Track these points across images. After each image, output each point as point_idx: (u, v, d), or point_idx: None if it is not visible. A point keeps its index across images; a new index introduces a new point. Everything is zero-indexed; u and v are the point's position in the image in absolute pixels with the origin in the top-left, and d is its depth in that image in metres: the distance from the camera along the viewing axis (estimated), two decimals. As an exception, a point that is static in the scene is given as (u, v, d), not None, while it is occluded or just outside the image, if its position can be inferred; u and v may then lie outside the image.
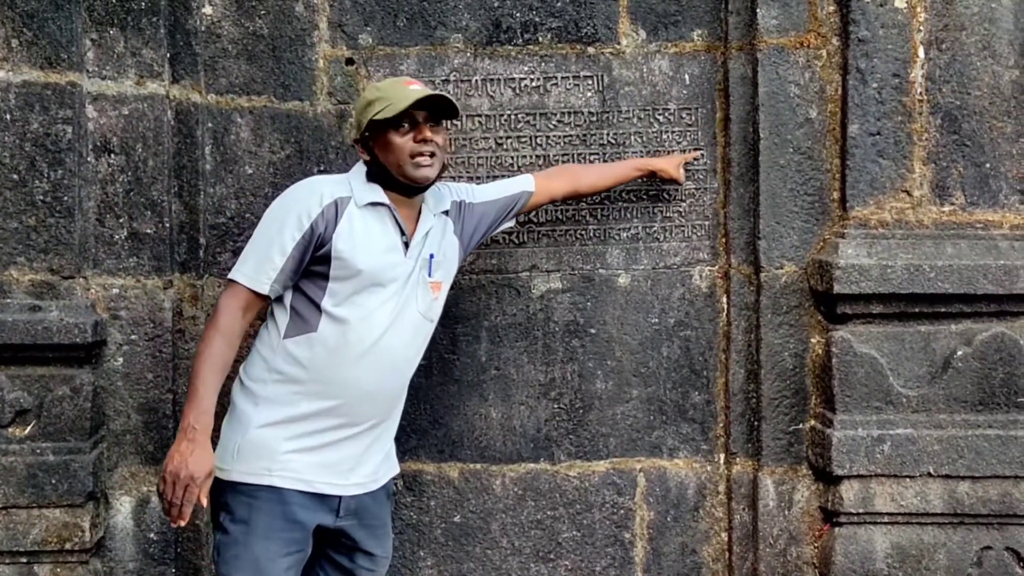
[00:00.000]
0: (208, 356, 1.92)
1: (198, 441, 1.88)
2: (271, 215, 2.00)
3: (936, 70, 2.47)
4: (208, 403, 1.91)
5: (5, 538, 2.29)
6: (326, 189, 1.99)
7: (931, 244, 2.45)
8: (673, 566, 2.65)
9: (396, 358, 2.05)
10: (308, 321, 1.98)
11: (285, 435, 1.96)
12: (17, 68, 2.29)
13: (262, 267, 1.95)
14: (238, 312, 1.96)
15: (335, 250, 1.95)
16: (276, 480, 1.95)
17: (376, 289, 1.99)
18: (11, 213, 2.30)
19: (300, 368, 1.97)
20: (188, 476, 1.86)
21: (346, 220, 1.97)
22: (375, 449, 2.10)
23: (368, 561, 2.16)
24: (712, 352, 2.62)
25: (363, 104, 2.05)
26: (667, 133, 2.59)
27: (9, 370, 2.30)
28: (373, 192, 2.03)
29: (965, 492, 2.44)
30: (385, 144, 2.02)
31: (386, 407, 2.09)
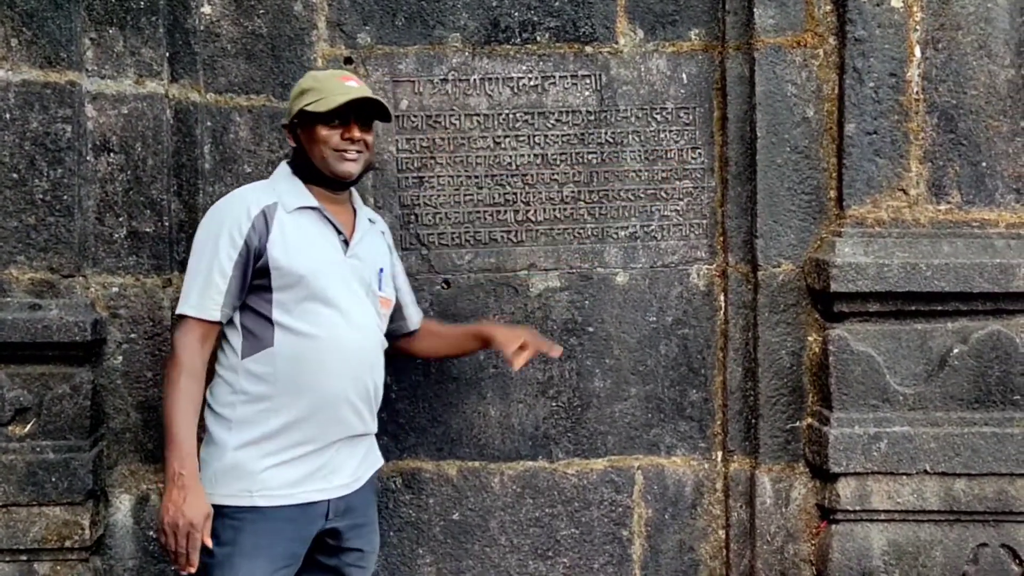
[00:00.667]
0: (177, 398, 1.90)
1: (188, 487, 1.87)
2: (201, 239, 1.97)
3: (932, 69, 2.48)
4: (188, 446, 1.89)
5: (5, 536, 2.29)
6: (251, 200, 1.97)
7: (928, 243, 2.46)
8: (671, 563, 2.66)
9: (360, 357, 2.03)
10: (262, 337, 1.96)
11: (261, 453, 1.95)
12: (16, 67, 2.30)
13: (207, 294, 1.93)
14: (196, 345, 1.94)
15: (271, 259, 1.93)
16: (258, 500, 1.93)
17: (323, 292, 1.97)
18: (11, 212, 2.31)
19: (265, 385, 1.95)
20: (187, 524, 1.85)
21: (277, 227, 1.95)
22: (354, 449, 2.09)
23: (356, 558, 2.14)
24: (710, 350, 2.63)
25: (298, 91, 2.05)
26: (665, 132, 2.60)
27: (9, 368, 2.31)
28: (301, 196, 2.02)
29: (961, 489, 2.46)
30: (312, 135, 2.02)
31: (359, 407, 2.06)
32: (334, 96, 2.00)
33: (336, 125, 2.02)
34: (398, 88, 2.55)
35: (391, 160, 2.56)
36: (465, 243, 2.60)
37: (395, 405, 2.59)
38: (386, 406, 2.57)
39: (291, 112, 2.06)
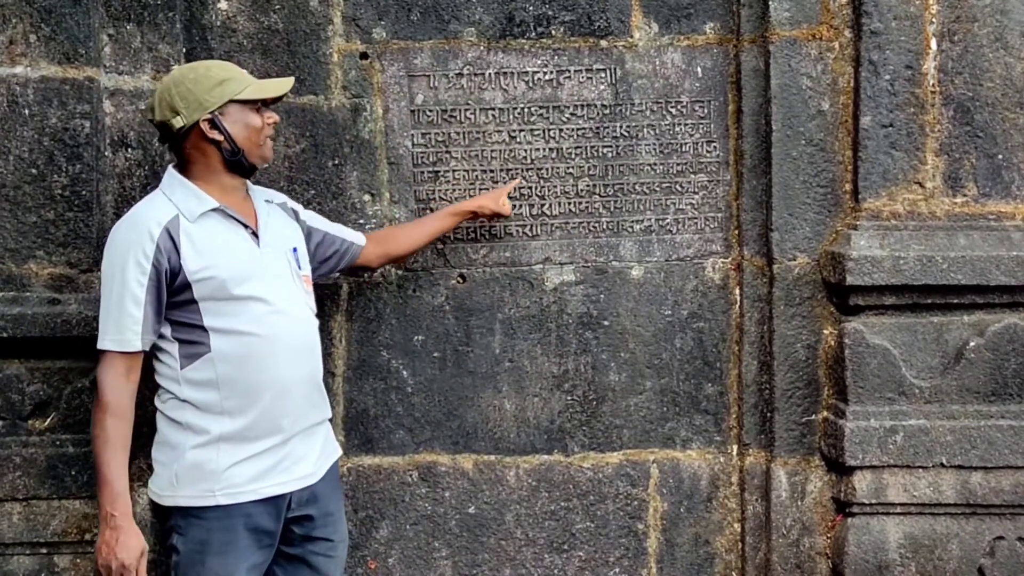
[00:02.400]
0: (105, 439, 1.88)
1: (121, 527, 1.86)
2: (108, 269, 1.92)
3: (948, 62, 2.47)
4: (119, 485, 1.88)
5: (26, 529, 2.32)
6: (150, 220, 1.91)
7: (944, 235, 2.46)
8: (686, 557, 2.66)
9: (299, 347, 2.03)
10: (199, 343, 1.93)
11: (220, 452, 1.94)
12: (35, 63, 2.31)
13: (124, 325, 1.88)
14: (120, 380, 1.91)
15: (188, 273, 1.90)
16: (222, 499, 1.93)
17: (248, 289, 1.95)
18: (30, 207, 2.32)
19: (210, 390, 1.94)
20: (120, 566, 1.85)
21: (185, 240, 1.91)
22: (311, 439, 2.09)
23: (324, 547, 2.13)
24: (725, 344, 2.64)
25: (211, 83, 1.95)
26: (680, 126, 2.60)
27: (29, 363, 2.33)
28: (200, 201, 1.97)
29: (978, 482, 2.45)
30: (244, 124, 1.99)
31: (308, 396, 2.06)
32: (264, 83, 2.04)
33: (260, 112, 2.03)
34: (413, 83, 2.56)
35: (407, 155, 2.57)
36: (480, 237, 2.61)
37: (411, 399, 2.61)
38: (402, 400, 2.59)
39: (207, 104, 1.94)
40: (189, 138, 1.98)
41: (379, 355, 2.60)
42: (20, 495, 2.31)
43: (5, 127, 2.31)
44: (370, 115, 2.55)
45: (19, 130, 2.31)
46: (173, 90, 1.95)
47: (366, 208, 2.56)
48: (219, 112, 1.96)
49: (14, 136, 2.31)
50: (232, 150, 1.98)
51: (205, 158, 1.99)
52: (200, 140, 1.97)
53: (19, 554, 2.33)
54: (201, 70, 1.99)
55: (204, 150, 1.99)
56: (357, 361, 2.59)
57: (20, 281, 2.33)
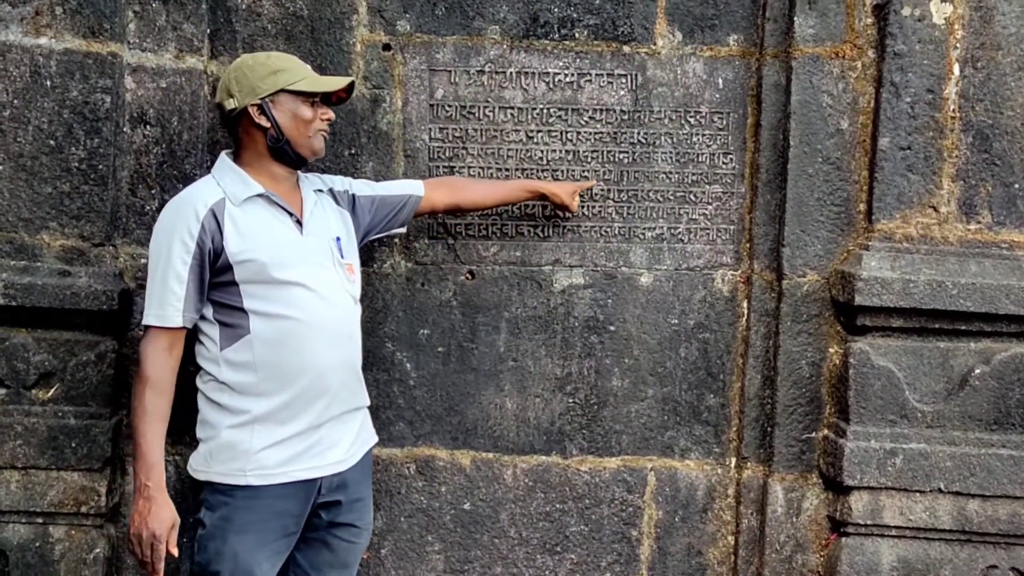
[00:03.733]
0: (143, 412, 1.92)
1: (154, 499, 1.90)
2: (155, 247, 1.97)
3: (970, 88, 2.47)
4: (154, 457, 1.92)
5: (23, 498, 2.33)
6: (197, 201, 1.96)
7: (955, 261, 2.46)
8: (678, 566, 2.66)
9: (337, 333, 2.05)
10: (239, 326, 1.97)
11: (254, 433, 1.97)
12: (60, 36, 2.32)
13: (166, 301, 1.93)
14: (162, 355, 1.94)
15: (230, 255, 1.94)
16: (252, 479, 1.96)
17: (289, 274, 1.98)
18: (46, 178, 2.33)
19: (248, 372, 1.97)
20: (151, 535, 1.89)
21: (229, 223, 1.96)
22: (346, 426, 2.11)
23: (348, 533, 2.15)
24: (730, 356, 2.64)
25: (266, 71, 2.01)
26: (697, 135, 2.60)
27: (36, 333, 2.34)
28: (247, 186, 2.02)
29: (974, 510, 2.45)
30: (294, 115, 2.03)
31: (344, 383, 2.09)
32: (321, 78, 2.07)
33: (315, 106, 2.06)
34: (434, 77, 2.56)
35: (423, 148, 2.57)
36: (492, 235, 2.61)
37: (413, 392, 2.61)
38: (404, 393, 2.59)
39: (259, 90, 2.00)
40: (241, 122, 2.04)
41: (384, 346, 2.60)
42: (19, 464, 2.32)
43: (26, 97, 2.31)
44: (389, 107, 2.56)
45: (40, 101, 2.32)
46: (232, 74, 2.04)
47: (380, 199, 2.57)
48: (270, 100, 2.01)
49: (35, 107, 2.32)
50: (276, 137, 2.03)
51: (253, 144, 2.05)
52: (249, 125, 2.03)
53: (15, 522, 2.34)
54: (261, 58, 2.06)
55: (253, 135, 2.04)
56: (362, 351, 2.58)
57: (32, 251, 2.33)
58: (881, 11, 2.47)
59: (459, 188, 2.44)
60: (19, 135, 2.32)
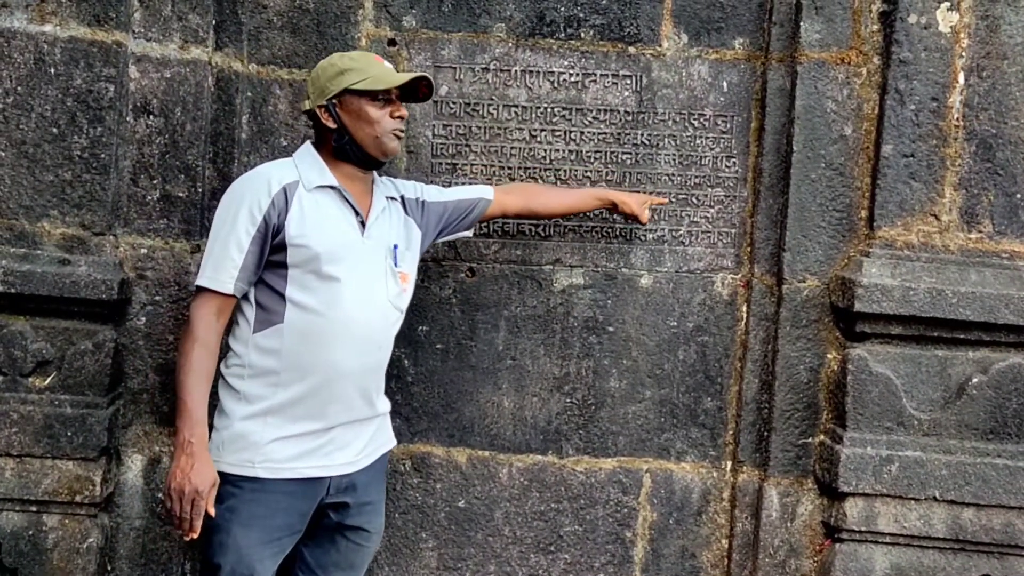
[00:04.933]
0: (190, 368, 1.92)
1: (196, 455, 1.89)
2: (222, 213, 1.99)
3: (975, 97, 2.47)
4: (199, 414, 1.91)
5: (17, 486, 2.32)
6: (273, 177, 1.98)
7: (955, 270, 2.46)
8: (671, 568, 2.66)
9: (367, 339, 2.04)
10: (274, 312, 1.98)
11: (266, 425, 1.97)
12: (65, 23, 2.31)
13: (223, 267, 1.94)
14: (211, 318, 1.96)
15: (288, 236, 1.95)
16: (260, 471, 1.96)
17: (337, 270, 1.98)
18: (48, 166, 2.32)
19: (273, 359, 1.97)
20: (193, 490, 1.87)
21: (296, 205, 1.97)
22: (361, 429, 2.10)
23: (356, 536, 2.15)
24: (728, 359, 2.64)
25: (334, 72, 2.03)
26: (701, 138, 2.60)
27: (34, 320, 2.33)
28: (322, 174, 2.03)
29: (969, 519, 2.45)
30: (361, 115, 2.03)
31: (365, 387, 2.07)
32: (386, 76, 2.03)
33: (383, 105, 2.04)
34: (439, 74, 2.56)
35: (426, 145, 2.57)
36: (492, 233, 2.61)
37: (410, 388, 2.61)
38: (401, 389, 2.59)
39: (325, 92, 2.03)
40: (317, 122, 2.07)
41: (382, 342, 2.60)
42: (14, 451, 2.31)
43: (30, 85, 2.31)
44: (393, 102, 2.55)
45: (43, 88, 2.31)
46: (312, 75, 2.09)
47: (381, 194, 2.56)
48: (336, 100, 2.03)
49: (38, 94, 2.31)
50: (339, 137, 2.04)
51: (327, 143, 2.08)
52: (320, 125, 2.06)
53: (8, 510, 2.33)
54: (335, 59, 2.07)
55: (324, 135, 2.08)
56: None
57: (32, 239, 2.33)
58: (887, 18, 2.47)
59: (532, 194, 2.45)
60: (22, 122, 2.31)
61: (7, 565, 2.33)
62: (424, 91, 2.15)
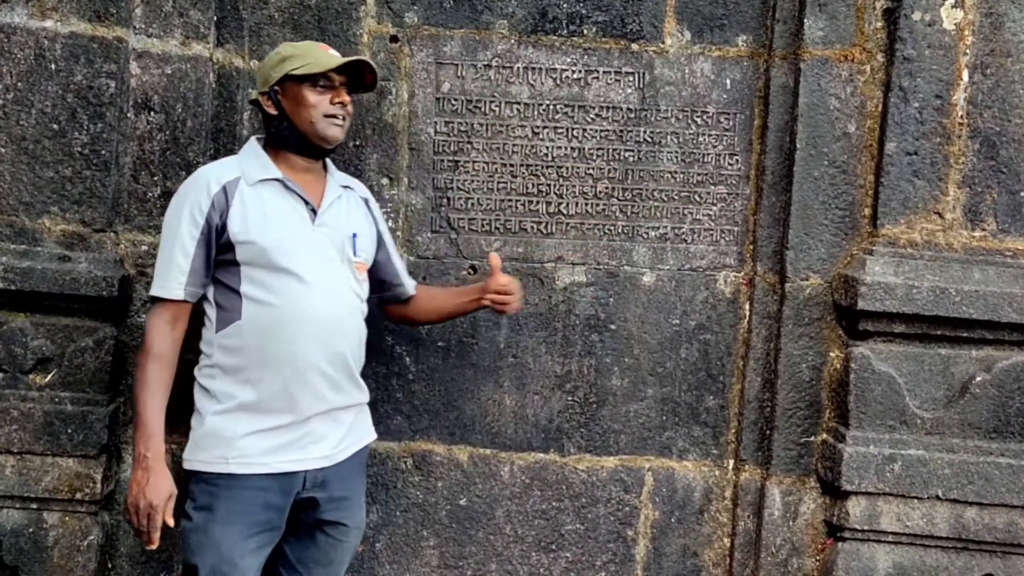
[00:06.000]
0: (145, 382, 1.93)
1: (152, 468, 1.90)
2: (168, 220, 1.99)
3: (979, 94, 2.46)
4: (154, 428, 1.92)
5: (18, 483, 2.31)
6: (212, 178, 1.98)
7: (959, 268, 2.45)
8: (673, 567, 2.66)
9: (328, 328, 2.02)
10: (232, 310, 1.98)
11: (238, 422, 1.96)
12: (66, 19, 2.30)
13: (170, 274, 1.95)
14: (165, 328, 1.96)
15: (232, 234, 1.94)
16: (233, 467, 1.95)
17: (289, 262, 1.97)
18: (48, 162, 2.31)
19: (237, 357, 1.97)
20: (148, 504, 1.89)
21: (237, 201, 1.96)
22: (337, 422, 2.09)
23: (335, 531, 2.13)
24: (730, 358, 2.63)
25: (277, 59, 2.04)
26: (704, 136, 2.59)
27: (34, 317, 2.32)
28: (264, 168, 2.02)
29: (972, 518, 2.45)
30: (299, 100, 2.02)
31: (333, 376, 2.05)
32: (324, 60, 2.03)
33: (323, 91, 2.04)
34: (441, 70, 2.55)
35: (428, 142, 2.56)
36: (495, 230, 2.60)
37: (411, 386, 2.60)
38: (403, 387, 2.58)
39: (269, 80, 2.04)
40: (262, 111, 2.09)
41: (383, 339, 2.59)
42: (14, 449, 2.30)
43: (30, 80, 2.30)
44: (395, 99, 2.55)
45: (44, 84, 2.30)
46: (259, 66, 2.12)
47: (383, 192, 2.55)
48: (279, 87, 2.03)
49: (38, 90, 2.30)
50: (278, 123, 2.05)
51: (269, 131, 2.09)
52: (264, 113, 2.08)
53: (9, 507, 2.32)
54: (281, 47, 2.09)
55: (267, 123, 2.09)
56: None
57: (32, 235, 2.32)
58: (891, 15, 2.46)
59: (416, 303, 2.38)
60: (22, 118, 2.30)
61: (7, 563, 2.32)
62: (370, 79, 2.14)
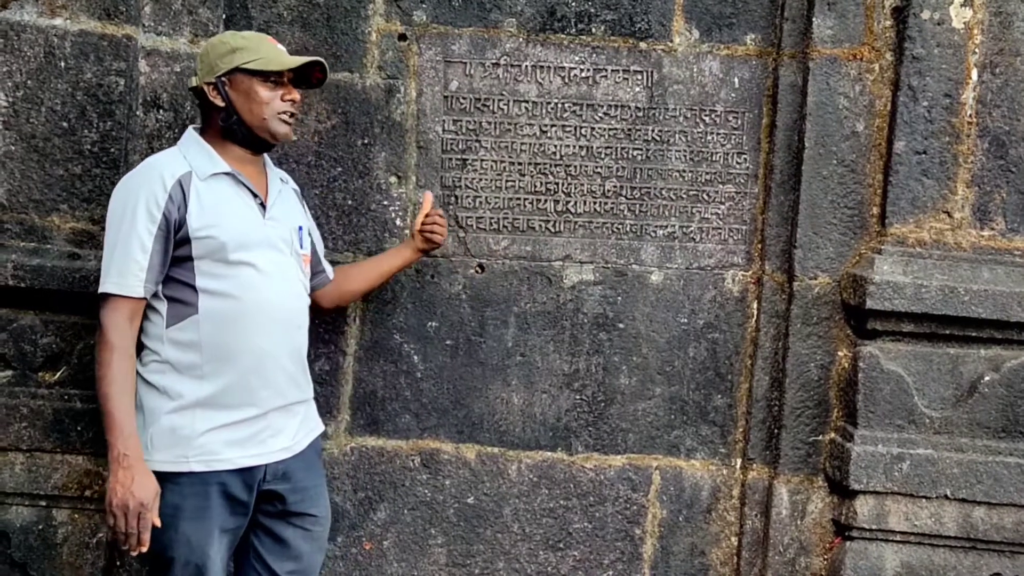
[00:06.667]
0: (111, 379, 1.87)
1: (135, 467, 1.86)
2: (117, 212, 1.93)
3: (988, 93, 2.46)
4: (129, 427, 1.87)
5: (27, 480, 2.32)
6: (165, 171, 1.93)
7: (968, 267, 2.44)
8: (681, 566, 2.66)
9: (287, 320, 2.04)
10: (188, 304, 1.94)
11: (195, 418, 1.94)
12: (75, 17, 2.31)
13: (128, 270, 1.89)
14: (124, 323, 1.91)
15: (191, 230, 1.91)
16: (195, 465, 1.93)
17: (246, 256, 1.96)
18: (58, 160, 2.32)
19: (192, 352, 1.94)
20: (138, 504, 1.84)
21: (194, 196, 1.93)
22: (291, 415, 2.09)
23: (303, 522, 2.13)
24: (738, 357, 2.63)
25: (225, 49, 1.99)
26: (712, 135, 2.58)
27: (44, 315, 2.32)
28: (213, 162, 2.00)
29: (980, 517, 2.44)
30: (249, 95, 2.00)
31: (290, 370, 2.06)
32: (279, 58, 2.02)
33: (274, 86, 2.02)
34: (449, 68, 2.55)
35: (436, 140, 2.56)
36: (503, 229, 2.60)
37: (420, 384, 2.60)
38: (411, 385, 2.59)
39: (216, 68, 1.99)
40: (204, 100, 2.04)
41: (392, 338, 2.59)
42: (24, 446, 2.31)
43: (40, 78, 2.30)
44: (403, 97, 2.55)
45: (53, 82, 2.31)
46: (201, 51, 2.06)
47: (391, 190, 2.56)
48: (227, 79, 2.00)
49: (48, 88, 2.30)
50: (227, 116, 2.01)
51: (215, 123, 2.04)
52: (208, 103, 2.03)
53: (18, 504, 2.33)
54: (226, 36, 2.04)
55: (212, 114, 2.05)
56: (369, 342, 2.59)
57: (42, 233, 2.32)
58: (900, 14, 2.45)
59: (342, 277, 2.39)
60: (32, 116, 2.30)
61: (16, 560, 2.33)
62: (318, 76, 2.13)
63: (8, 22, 2.28)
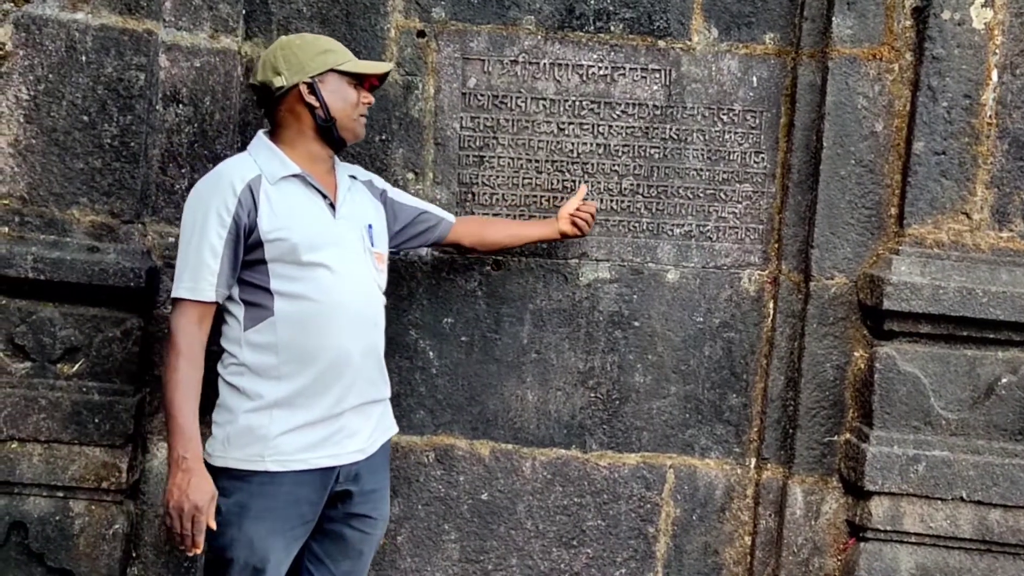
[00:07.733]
0: (177, 383, 1.89)
1: (193, 470, 1.87)
2: (189, 220, 1.95)
3: (1008, 95, 2.44)
4: (191, 430, 1.88)
5: (45, 472, 2.33)
6: (235, 176, 1.95)
7: (986, 269, 2.43)
8: (694, 564, 2.66)
9: (363, 319, 2.04)
10: (264, 307, 1.95)
11: (273, 419, 1.95)
12: (96, 11, 2.32)
13: (200, 275, 1.91)
14: (193, 328, 1.92)
15: (263, 233, 1.92)
16: (270, 465, 1.94)
17: (318, 256, 1.97)
18: (78, 154, 2.33)
19: (270, 354, 1.96)
20: (192, 507, 1.85)
21: (264, 200, 1.94)
22: (367, 416, 2.09)
23: (363, 524, 2.14)
24: (754, 356, 2.62)
25: (317, 49, 2.03)
26: (730, 133, 2.58)
27: (63, 307, 2.34)
28: (284, 165, 2.01)
29: (996, 520, 2.43)
30: (341, 95, 2.04)
31: (366, 370, 2.06)
32: (363, 61, 2.09)
33: (357, 89, 2.08)
34: (467, 66, 2.55)
35: (454, 137, 2.57)
36: (519, 226, 2.60)
37: (435, 380, 2.61)
38: (426, 381, 2.59)
39: (308, 69, 2.01)
40: (286, 101, 2.03)
41: (407, 334, 2.60)
42: (42, 437, 2.33)
43: (61, 72, 2.31)
44: (421, 94, 2.55)
45: (74, 76, 2.32)
46: (279, 52, 2.03)
47: (408, 187, 2.56)
48: (319, 79, 2.02)
49: (69, 82, 2.32)
50: (325, 117, 2.03)
51: (298, 123, 2.04)
52: (296, 103, 2.03)
53: (36, 495, 2.35)
54: (309, 38, 2.07)
55: (299, 114, 2.04)
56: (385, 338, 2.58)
57: (62, 226, 2.34)
58: (920, 14, 2.45)
59: (485, 225, 2.47)
60: (53, 110, 2.32)
61: (34, 550, 2.35)
62: (375, 83, 2.17)
63: (30, 16, 2.30)
